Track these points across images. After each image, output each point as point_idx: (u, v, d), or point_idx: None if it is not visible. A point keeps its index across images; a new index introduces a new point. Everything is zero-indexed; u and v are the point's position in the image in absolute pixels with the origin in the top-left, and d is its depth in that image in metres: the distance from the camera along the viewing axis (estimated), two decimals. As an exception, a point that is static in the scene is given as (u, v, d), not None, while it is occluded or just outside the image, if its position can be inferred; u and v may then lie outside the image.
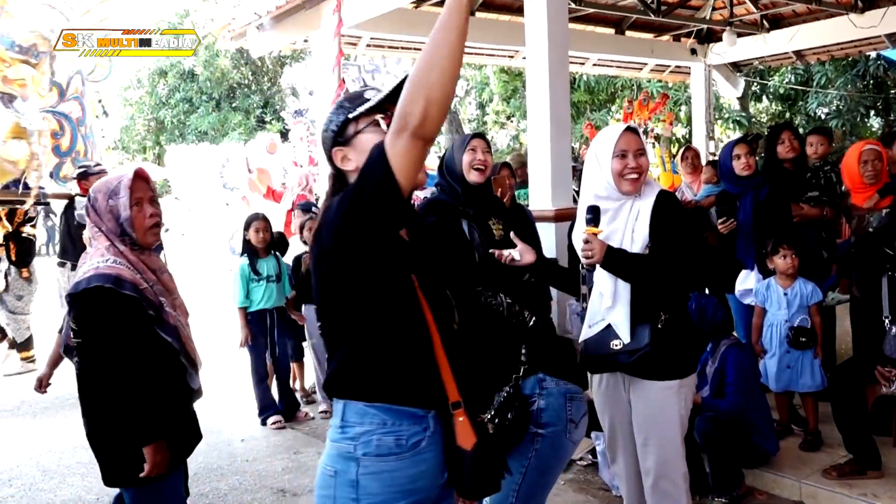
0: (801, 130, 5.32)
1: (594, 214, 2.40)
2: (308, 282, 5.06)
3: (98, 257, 2.26)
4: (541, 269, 2.56)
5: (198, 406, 2.54)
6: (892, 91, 15.07)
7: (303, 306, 5.17)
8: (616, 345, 2.43)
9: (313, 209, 6.41)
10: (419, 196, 6.46)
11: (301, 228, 5.34)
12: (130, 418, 2.21)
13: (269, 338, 4.98)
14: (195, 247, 12.38)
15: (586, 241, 2.36)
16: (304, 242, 5.23)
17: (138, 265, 2.30)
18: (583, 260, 2.39)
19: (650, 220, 2.40)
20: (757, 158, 4.30)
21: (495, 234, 2.83)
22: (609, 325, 2.45)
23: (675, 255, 2.38)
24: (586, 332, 2.52)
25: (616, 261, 2.37)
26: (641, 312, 2.41)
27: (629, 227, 2.43)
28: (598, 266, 2.39)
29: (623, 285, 2.42)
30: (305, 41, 8.35)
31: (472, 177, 2.86)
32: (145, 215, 2.32)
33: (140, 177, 2.34)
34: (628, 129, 2.47)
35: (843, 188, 4.09)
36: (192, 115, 23.83)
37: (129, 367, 2.19)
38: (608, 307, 2.45)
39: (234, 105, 24.07)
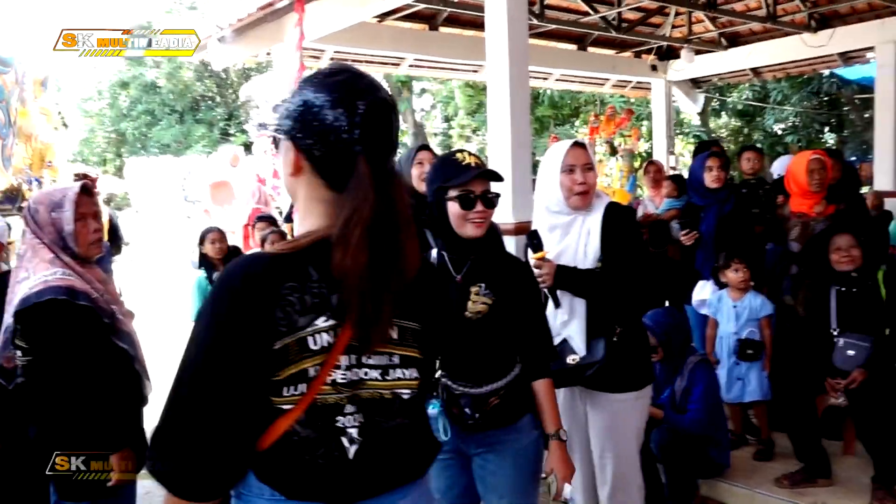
0: (758, 146, 5.76)
1: (536, 240, 2.42)
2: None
3: (44, 270, 2.21)
4: None
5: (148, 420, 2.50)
6: (846, 108, 15.53)
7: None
8: (573, 359, 2.44)
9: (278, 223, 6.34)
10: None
11: (262, 242, 5.27)
12: (94, 429, 2.19)
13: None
14: (155, 261, 12.18)
15: (537, 267, 2.38)
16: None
17: (86, 276, 2.28)
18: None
19: (601, 235, 2.42)
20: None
21: None
22: (565, 340, 2.47)
23: (625, 268, 2.41)
24: None
25: (566, 279, 2.40)
26: (597, 326, 2.43)
27: (581, 243, 2.45)
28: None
29: (578, 300, 2.44)
30: (268, 54, 8.29)
31: (424, 189, 2.86)
32: (89, 230, 2.30)
33: (86, 191, 2.33)
34: (576, 143, 2.50)
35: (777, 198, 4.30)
36: (155, 127, 23.47)
37: (88, 379, 2.17)
38: (564, 321, 2.47)
39: (197, 117, 23.78)
